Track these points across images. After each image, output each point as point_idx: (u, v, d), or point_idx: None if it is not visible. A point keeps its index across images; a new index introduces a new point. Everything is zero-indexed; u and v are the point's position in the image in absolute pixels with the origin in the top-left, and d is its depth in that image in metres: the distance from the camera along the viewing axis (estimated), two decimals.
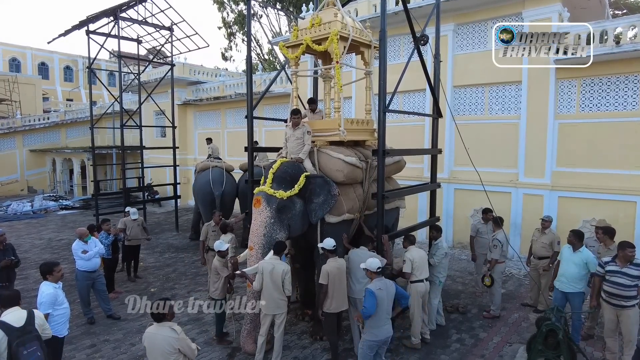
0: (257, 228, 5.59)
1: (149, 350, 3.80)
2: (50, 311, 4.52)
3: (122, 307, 7.40)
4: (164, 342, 3.71)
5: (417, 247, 6.07)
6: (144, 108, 18.20)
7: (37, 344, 3.81)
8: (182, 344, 3.75)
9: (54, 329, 4.47)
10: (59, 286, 4.76)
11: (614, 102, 8.90)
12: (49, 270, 4.75)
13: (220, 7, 28.98)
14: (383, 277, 4.69)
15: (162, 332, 3.75)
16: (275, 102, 15.36)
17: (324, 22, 6.33)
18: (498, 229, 6.93)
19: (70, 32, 13.15)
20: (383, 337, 4.61)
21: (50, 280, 4.72)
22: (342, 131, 6.22)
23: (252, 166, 7.40)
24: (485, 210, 7.74)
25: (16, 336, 3.70)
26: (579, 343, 5.76)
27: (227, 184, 11.35)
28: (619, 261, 5.09)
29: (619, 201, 8.70)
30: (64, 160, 23.04)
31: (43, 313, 4.37)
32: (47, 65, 33.48)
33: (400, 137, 10.87)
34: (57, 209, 18.32)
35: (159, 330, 3.77)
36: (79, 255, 6.72)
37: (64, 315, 4.69)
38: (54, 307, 4.59)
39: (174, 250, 11.30)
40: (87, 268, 6.79)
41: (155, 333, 3.77)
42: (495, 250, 6.66)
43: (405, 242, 6.12)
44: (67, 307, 4.77)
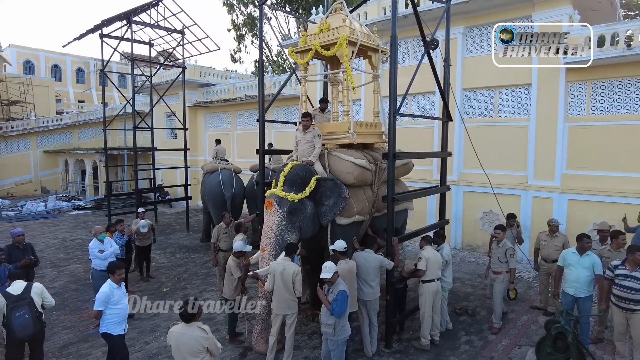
0: (269, 230, 5.70)
1: (175, 349, 3.85)
2: (102, 308, 4.63)
3: (133, 307, 7.56)
4: (194, 341, 3.79)
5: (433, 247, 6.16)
6: (155, 110, 18.49)
7: (27, 308, 4.71)
8: (211, 343, 3.86)
9: (107, 326, 4.69)
10: (117, 287, 4.82)
11: (625, 105, 8.87)
12: (111, 270, 4.88)
13: (230, 10, 29.21)
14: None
15: (191, 331, 3.83)
16: (285, 105, 15.49)
17: (333, 27, 6.43)
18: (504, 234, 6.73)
19: (85, 35, 13.42)
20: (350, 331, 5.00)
21: (112, 280, 4.81)
22: (352, 134, 6.31)
23: (263, 169, 7.51)
24: (510, 215, 7.76)
25: (12, 302, 4.66)
26: (589, 346, 5.78)
27: (236, 185, 11.48)
28: (629, 265, 5.10)
29: (629, 204, 8.64)
30: (76, 161, 23.40)
31: (95, 309, 4.64)
32: (60, 67, 34.02)
33: (409, 139, 10.89)
34: (70, 209, 18.63)
35: (187, 330, 3.84)
36: (95, 255, 6.89)
37: (117, 315, 4.74)
38: (108, 306, 4.67)
39: (185, 251, 11.47)
40: (103, 267, 6.89)
41: (183, 332, 3.84)
42: (512, 258, 6.41)
43: (422, 242, 6.17)
44: (122, 307, 4.82)
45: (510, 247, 6.41)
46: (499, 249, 6.45)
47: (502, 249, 6.39)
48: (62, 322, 6.91)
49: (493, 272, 6.56)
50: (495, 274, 6.51)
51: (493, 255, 6.63)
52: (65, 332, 6.58)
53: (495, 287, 6.54)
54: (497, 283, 6.50)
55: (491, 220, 10.33)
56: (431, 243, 6.08)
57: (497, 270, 6.48)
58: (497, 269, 6.50)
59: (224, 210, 10.49)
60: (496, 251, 6.51)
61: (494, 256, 6.60)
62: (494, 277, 6.58)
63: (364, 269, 5.53)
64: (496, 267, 6.51)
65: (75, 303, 7.76)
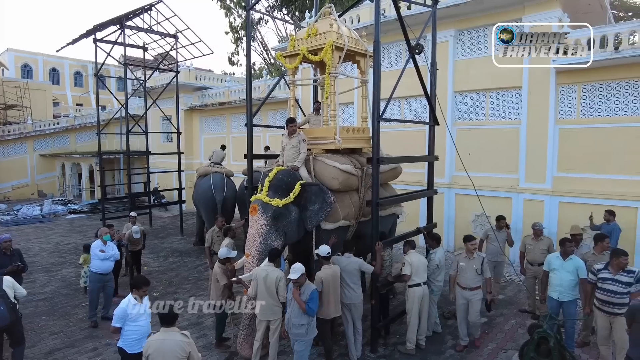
0: (254, 235, 5.71)
1: (156, 358, 3.73)
2: (120, 325, 4.48)
3: None
4: (177, 346, 3.73)
5: (417, 251, 6.15)
6: (152, 113, 18.55)
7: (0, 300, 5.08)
8: (193, 348, 3.83)
9: (124, 342, 4.52)
10: (138, 303, 4.58)
11: (614, 107, 8.88)
12: (136, 285, 4.67)
13: (228, 13, 29.30)
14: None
15: (172, 336, 3.79)
16: (280, 108, 15.50)
17: (320, 32, 6.45)
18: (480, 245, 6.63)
19: (78, 40, 13.46)
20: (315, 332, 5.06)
21: (134, 295, 4.61)
22: (337, 139, 6.32)
23: (252, 173, 7.52)
24: (499, 217, 7.77)
25: None
26: (574, 350, 5.79)
27: (228, 189, 11.52)
28: (612, 268, 5.11)
29: (619, 207, 8.63)
30: (73, 164, 23.46)
31: (113, 325, 4.51)
32: (58, 71, 34.11)
33: (401, 143, 10.95)
34: (65, 213, 18.65)
35: (168, 335, 3.79)
36: (96, 254, 6.97)
37: (136, 332, 4.53)
38: (126, 322, 4.50)
39: (177, 255, 11.47)
40: (100, 270, 7.02)
41: (165, 339, 3.77)
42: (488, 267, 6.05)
43: (405, 247, 6.18)
44: (142, 325, 4.59)
45: (484, 256, 6.04)
46: (474, 260, 5.91)
47: (478, 260, 5.91)
48: (50, 328, 6.91)
49: (469, 289, 5.89)
50: (473, 290, 5.90)
51: (466, 271, 5.92)
52: (52, 337, 6.58)
53: (474, 306, 5.91)
54: (476, 301, 5.91)
55: (483, 223, 10.32)
56: (414, 247, 6.07)
57: (475, 285, 5.91)
58: (474, 284, 5.90)
59: (215, 213, 10.51)
60: (468, 265, 5.91)
61: (467, 271, 5.90)
62: (469, 295, 5.90)
63: (345, 273, 5.55)
64: (472, 282, 5.89)
65: (65, 308, 7.77)
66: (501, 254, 7.56)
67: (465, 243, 6.05)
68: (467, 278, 5.92)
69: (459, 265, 6.03)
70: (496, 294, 7.92)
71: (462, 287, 5.95)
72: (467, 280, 5.91)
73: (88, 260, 7.82)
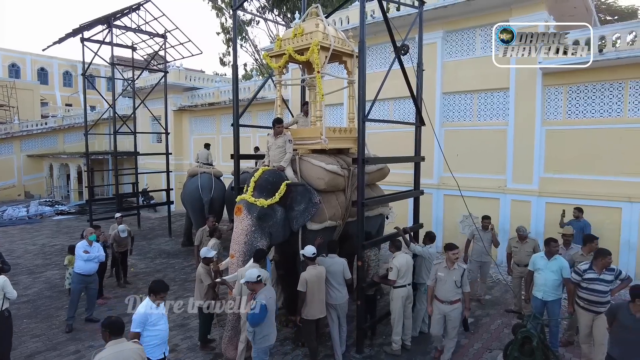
0: (238, 236, 5.66)
1: None
2: (140, 330, 4.26)
3: (110, 313, 7.38)
4: (135, 354, 3.62)
5: (404, 252, 6.13)
6: (141, 113, 18.39)
7: None
8: (145, 356, 3.72)
9: (145, 349, 4.18)
10: (155, 307, 4.39)
11: (599, 109, 8.98)
12: (155, 290, 4.44)
13: (219, 13, 29.16)
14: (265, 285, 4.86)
15: (126, 346, 3.63)
16: (269, 108, 15.42)
17: (306, 32, 6.43)
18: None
19: (65, 39, 13.31)
20: (273, 340, 4.91)
21: (151, 300, 4.42)
22: (323, 139, 6.30)
23: (238, 174, 7.48)
24: (485, 217, 7.81)
25: None
26: (558, 349, 5.82)
27: (215, 189, 11.47)
28: (597, 268, 5.15)
29: (604, 207, 8.75)
30: (61, 165, 23.16)
31: (132, 331, 4.24)
32: (47, 71, 33.74)
33: (391, 144, 10.95)
34: (52, 214, 18.41)
35: (121, 347, 3.61)
36: (80, 255, 6.89)
37: (156, 337, 4.35)
38: (146, 327, 4.29)
39: (165, 256, 11.37)
40: (83, 271, 6.95)
41: (119, 351, 3.58)
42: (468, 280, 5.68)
43: (391, 247, 6.12)
44: (161, 329, 4.41)
45: (465, 268, 5.55)
46: (454, 271, 5.39)
47: (458, 271, 5.40)
48: (31, 331, 6.80)
49: (448, 303, 5.37)
50: (452, 304, 5.38)
51: (444, 282, 5.42)
52: (33, 340, 6.47)
53: (452, 321, 5.43)
54: (454, 316, 5.41)
55: (470, 224, 10.36)
56: (400, 249, 6.05)
57: (454, 298, 5.39)
58: (453, 297, 5.38)
59: (202, 214, 10.45)
60: (448, 276, 5.39)
61: (446, 282, 5.40)
62: (448, 309, 5.40)
63: (329, 274, 5.54)
64: (450, 295, 5.37)
65: (48, 310, 7.65)
66: (486, 254, 7.60)
67: (446, 252, 5.50)
68: (445, 290, 5.41)
69: (437, 275, 5.50)
70: (482, 294, 7.96)
71: (440, 301, 5.45)
72: (446, 293, 5.40)
73: (73, 261, 7.71)
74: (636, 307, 4.18)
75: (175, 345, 6.29)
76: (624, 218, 8.56)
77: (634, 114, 8.60)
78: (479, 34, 10.45)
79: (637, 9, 20.34)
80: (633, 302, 4.21)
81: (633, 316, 4.21)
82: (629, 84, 8.61)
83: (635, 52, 8.13)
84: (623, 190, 8.57)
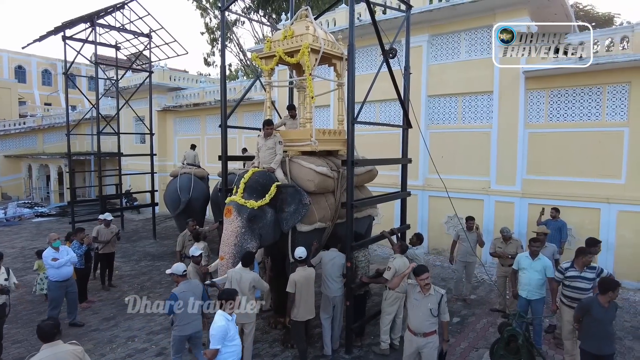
0: (228, 238, 5.64)
1: None
2: (219, 346, 4.01)
3: (94, 317, 7.38)
4: (69, 356, 3.47)
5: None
6: (125, 114, 18.10)
7: None
8: (86, 356, 3.59)
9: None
10: (232, 319, 4.22)
11: (579, 112, 9.25)
12: (225, 297, 4.20)
13: (203, 13, 28.93)
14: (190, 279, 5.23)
15: (60, 349, 3.48)
16: (256, 109, 15.41)
17: (296, 34, 6.46)
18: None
19: (46, 37, 13.02)
20: (190, 332, 5.03)
21: (223, 310, 4.17)
22: (313, 141, 6.33)
23: (226, 175, 7.44)
24: (469, 217, 7.94)
25: None
26: (541, 346, 5.97)
27: (194, 190, 11.41)
28: (577, 266, 5.32)
29: (584, 208, 9.02)
30: (41, 166, 22.61)
31: (212, 348, 4.00)
32: (25, 69, 32.93)
33: (378, 146, 11.07)
34: (32, 216, 17.95)
35: (55, 349, 3.47)
36: (50, 264, 6.67)
37: (233, 354, 4.14)
38: (224, 343, 4.06)
39: (150, 259, 11.22)
40: (59, 277, 6.74)
41: (53, 354, 3.42)
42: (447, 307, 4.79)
43: (397, 248, 6.02)
44: (238, 344, 4.26)
45: (443, 293, 4.66)
46: (430, 297, 4.59)
47: (434, 298, 4.58)
48: (13, 336, 6.63)
49: (421, 335, 4.59)
50: (426, 337, 4.59)
51: (418, 309, 4.59)
52: (15, 346, 6.32)
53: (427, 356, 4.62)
54: (429, 351, 4.60)
55: (455, 225, 10.54)
56: (405, 252, 6.04)
57: (428, 330, 4.59)
58: (427, 328, 4.58)
59: (181, 214, 10.41)
60: (422, 302, 4.60)
61: (420, 310, 4.58)
62: (421, 343, 4.59)
63: (331, 266, 5.77)
64: (425, 326, 4.58)
65: (30, 315, 7.47)
66: (472, 254, 7.74)
67: (415, 277, 4.69)
68: (419, 319, 4.59)
69: (411, 300, 4.74)
70: (468, 294, 8.10)
71: (412, 332, 4.66)
72: (419, 323, 4.59)
73: (42, 265, 7.52)
74: (605, 298, 4.44)
75: (164, 348, 6.23)
76: (602, 219, 8.84)
77: (611, 118, 8.89)
78: (464, 37, 10.65)
79: (614, 17, 20.99)
80: (603, 294, 4.42)
81: (604, 308, 4.45)
82: (607, 88, 8.90)
83: (612, 58, 8.42)
84: (602, 192, 8.85)
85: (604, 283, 4.54)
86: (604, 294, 4.46)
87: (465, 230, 7.79)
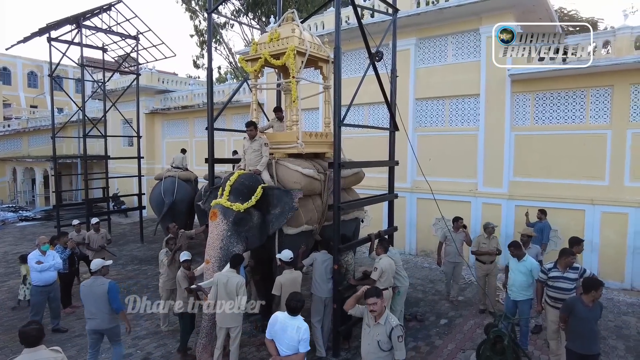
0: (214, 241, 5.59)
1: None
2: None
3: (78, 322, 7.24)
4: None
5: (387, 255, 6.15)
6: (112, 116, 17.90)
7: None
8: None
9: None
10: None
11: (564, 115, 9.39)
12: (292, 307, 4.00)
13: (193, 16, 28.79)
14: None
15: (39, 356, 3.44)
16: (245, 112, 15.33)
17: (282, 37, 6.46)
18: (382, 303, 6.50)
19: (31, 38, 12.82)
20: (93, 328, 5.26)
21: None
22: (300, 143, 6.33)
23: (212, 178, 7.39)
24: (455, 218, 7.98)
25: None
26: (527, 347, 6.01)
27: (178, 192, 11.41)
28: (560, 266, 5.38)
29: (570, 209, 9.14)
30: (26, 169, 22.25)
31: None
32: (10, 71, 32.38)
33: (366, 149, 11.07)
34: (16, 220, 17.63)
35: (35, 355, 3.43)
36: (34, 267, 6.57)
37: None
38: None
39: (137, 263, 11.08)
40: (41, 282, 6.64)
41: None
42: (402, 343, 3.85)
43: (379, 249, 5.99)
44: None
45: (398, 325, 3.85)
46: (378, 327, 3.86)
47: (384, 329, 3.83)
48: None
49: None
50: None
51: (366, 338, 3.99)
52: None
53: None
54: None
55: (443, 227, 10.59)
56: (387, 250, 6.07)
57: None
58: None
59: (166, 217, 10.35)
60: (371, 331, 3.92)
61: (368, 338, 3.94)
62: None
63: (323, 268, 5.80)
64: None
65: (12, 321, 7.31)
66: (459, 255, 7.78)
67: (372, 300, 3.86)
68: (365, 350, 4.01)
69: (365, 324, 4.08)
70: (456, 295, 8.13)
71: None
72: (365, 355, 4.02)
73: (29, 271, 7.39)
74: (589, 298, 4.51)
75: (149, 353, 6.15)
76: (587, 220, 8.96)
77: (594, 121, 9.04)
78: (451, 41, 10.75)
79: (597, 21, 21.37)
80: (587, 293, 4.48)
81: (587, 307, 4.52)
82: (590, 92, 9.05)
83: (596, 62, 8.55)
84: (586, 193, 8.98)
85: (587, 282, 4.61)
86: (587, 293, 4.53)
87: (452, 231, 7.84)
